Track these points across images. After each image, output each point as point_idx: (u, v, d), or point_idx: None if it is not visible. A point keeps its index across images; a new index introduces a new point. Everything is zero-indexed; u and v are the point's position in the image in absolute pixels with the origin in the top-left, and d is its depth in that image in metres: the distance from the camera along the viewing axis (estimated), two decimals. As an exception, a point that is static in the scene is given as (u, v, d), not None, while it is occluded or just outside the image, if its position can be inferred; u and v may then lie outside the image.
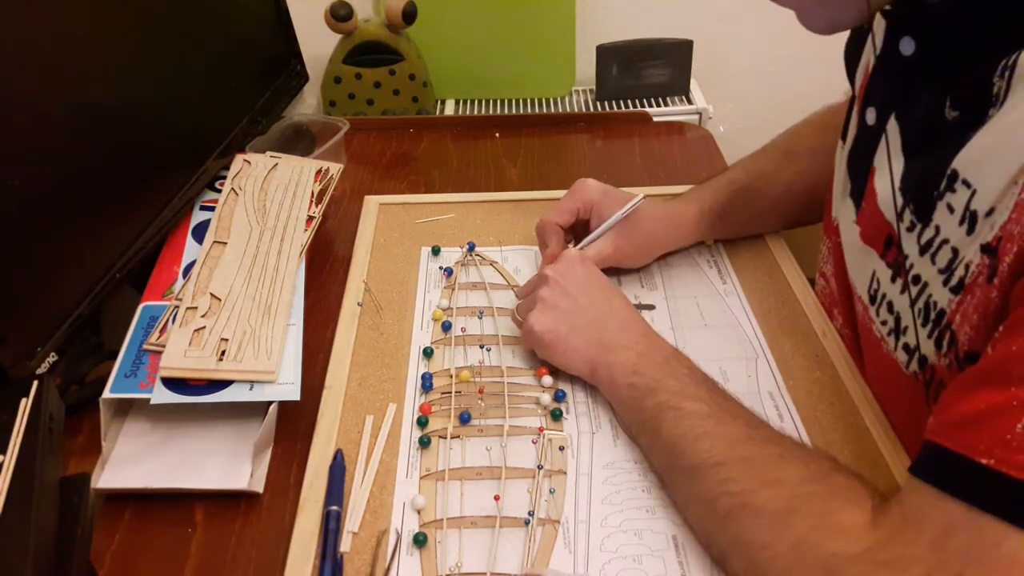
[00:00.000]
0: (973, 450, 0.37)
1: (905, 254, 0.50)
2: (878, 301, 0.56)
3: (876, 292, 0.56)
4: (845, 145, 0.62)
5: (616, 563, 0.49)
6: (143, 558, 0.51)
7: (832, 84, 0.78)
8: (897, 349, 0.54)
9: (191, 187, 0.73)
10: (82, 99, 0.61)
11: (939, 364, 0.49)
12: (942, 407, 0.42)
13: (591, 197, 0.69)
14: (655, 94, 1.22)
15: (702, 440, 0.49)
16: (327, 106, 1.15)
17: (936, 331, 0.48)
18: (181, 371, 0.57)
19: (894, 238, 0.52)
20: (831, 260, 0.66)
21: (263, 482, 0.55)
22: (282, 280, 0.66)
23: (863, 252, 0.57)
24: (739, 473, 0.47)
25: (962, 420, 0.39)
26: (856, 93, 0.60)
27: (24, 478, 0.42)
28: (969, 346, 0.45)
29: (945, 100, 0.47)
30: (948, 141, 0.46)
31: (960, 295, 0.45)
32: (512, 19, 1.16)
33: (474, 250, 0.76)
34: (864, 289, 0.58)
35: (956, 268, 0.46)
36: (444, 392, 0.61)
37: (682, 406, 0.51)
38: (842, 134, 0.63)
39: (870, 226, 0.56)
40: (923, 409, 0.51)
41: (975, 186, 0.44)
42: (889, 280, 0.53)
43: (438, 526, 0.51)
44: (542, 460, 0.55)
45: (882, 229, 0.54)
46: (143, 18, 0.69)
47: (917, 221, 0.49)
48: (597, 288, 0.62)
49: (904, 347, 0.53)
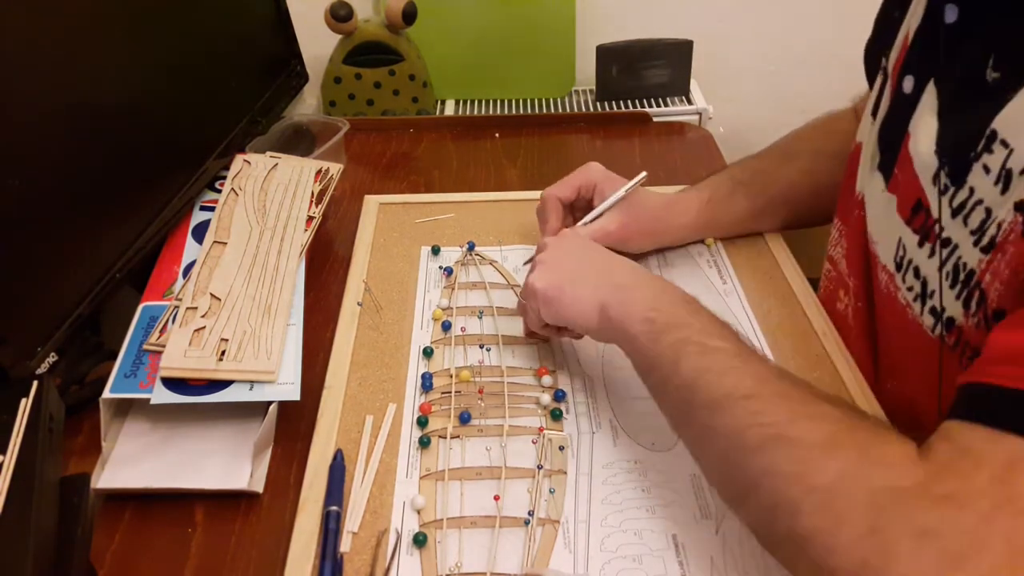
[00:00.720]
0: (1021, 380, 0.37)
1: (935, 217, 0.51)
2: (904, 267, 0.56)
3: (902, 259, 0.56)
4: (876, 120, 0.61)
5: (616, 563, 0.49)
6: (143, 558, 0.51)
7: (832, 84, 0.78)
8: (923, 314, 0.54)
9: (191, 187, 0.73)
10: (82, 99, 0.61)
11: (967, 324, 0.49)
12: (982, 355, 0.41)
13: (594, 177, 0.71)
14: (655, 94, 1.22)
15: (729, 374, 0.47)
16: (327, 106, 1.15)
17: (964, 292, 0.48)
18: (181, 371, 0.57)
19: (923, 203, 0.53)
20: (844, 240, 0.67)
21: (263, 482, 0.55)
22: (282, 280, 0.66)
23: (889, 220, 0.57)
24: (772, 406, 0.44)
25: (1009, 356, 0.39)
26: (890, 68, 0.60)
27: (24, 478, 0.42)
28: (999, 303, 0.46)
29: (987, 62, 0.47)
30: (988, 102, 0.46)
31: (991, 253, 0.46)
32: (512, 19, 1.16)
33: (474, 250, 0.76)
34: (890, 257, 0.58)
35: (988, 228, 0.46)
36: (444, 392, 0.61)
37: (707, 342, 0.49)
38: (872, 110, 0.63)
39: (905, 191, 0.56)
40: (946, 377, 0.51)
41: (1013, 145, 0.44)
42: (916, 245, 0.54)
43: (438, 526, 0.51)
44: (542, 460, 0.55)
45: (912, 194, 0.54)
46: (143, 18, 0.69)
47: (951, 184, 0.49)
48: (597, 251, 0.62)
49: (931, 311, 0.53)
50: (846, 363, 0.62)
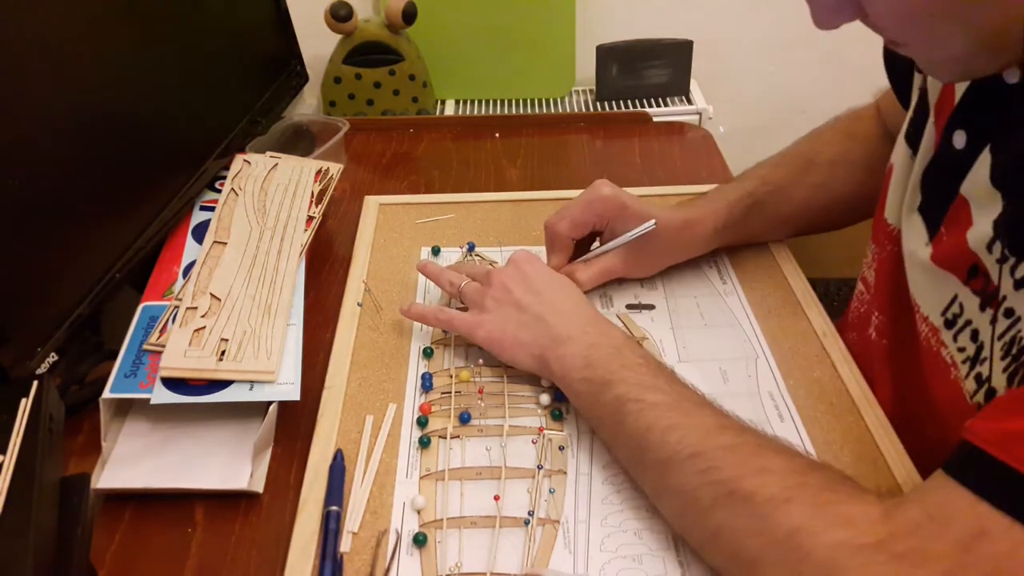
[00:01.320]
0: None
1: (996, 284, 0.47)
2: (958, 327, 0.52)
3: (957, 317, 0.52)
4: (916, 157, 0.58)
5: (616, 563, 0.49)
6: (143, 558, 0.51)
7: (832, 84, 0.78)
8: (967, 378, 0.50)
9: (191, 187, 0.73)
10: (82, 99, 0.61)
11: None
12: (994, 414, 0.41)
13: (608, 212, 0.66)
14: (655, 94, 1.22)
15: (672, 432, 0.48)
16: (327, 106, 1.15)
17: (1013, 366, 0.46)
18: (181, 371, 0.57)
19: (980, 268, 0.48)
20: (880, 269, 0.63)
21: (263, 482, 0.55)
22: (282, 280, 0.66)
23: (937, 274, 0.53)
24: (721, 462, 0.45)
25: (1017, 433, 0.39)
26: (931, 105, 0.57)
27: (24, 478, 0.42)
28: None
29: None
30: None
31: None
32: (512, 19, 1.16)
33: (474, 250, 0.76)
34: (936, 311, 0.53)
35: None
36: (444, 392, 0.61)
37: (644, 398, 0.50)
38: (908, 139, 0.60)
39: (950, 253, 0.52)
40: None
41: None
42: (977, 308, 0.49)
43: (438, 526, 0.51)
44: (542, 460, 0.55)
45: (966, 258, 0.50)
46: (143, 18, 0.69)
47: (1010, 255, 0.46)
48: (542, 283, 0.61)
49: (976, 377, 0.50)
50: (846, 363, 0.62)
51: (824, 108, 0.79)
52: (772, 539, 0.42)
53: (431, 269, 0.67)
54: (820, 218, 0.74)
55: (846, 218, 0.74)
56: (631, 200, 0.66)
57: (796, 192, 0.72)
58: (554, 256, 0.68)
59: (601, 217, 0.66)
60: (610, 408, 0.52)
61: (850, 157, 0.71)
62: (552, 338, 0.57)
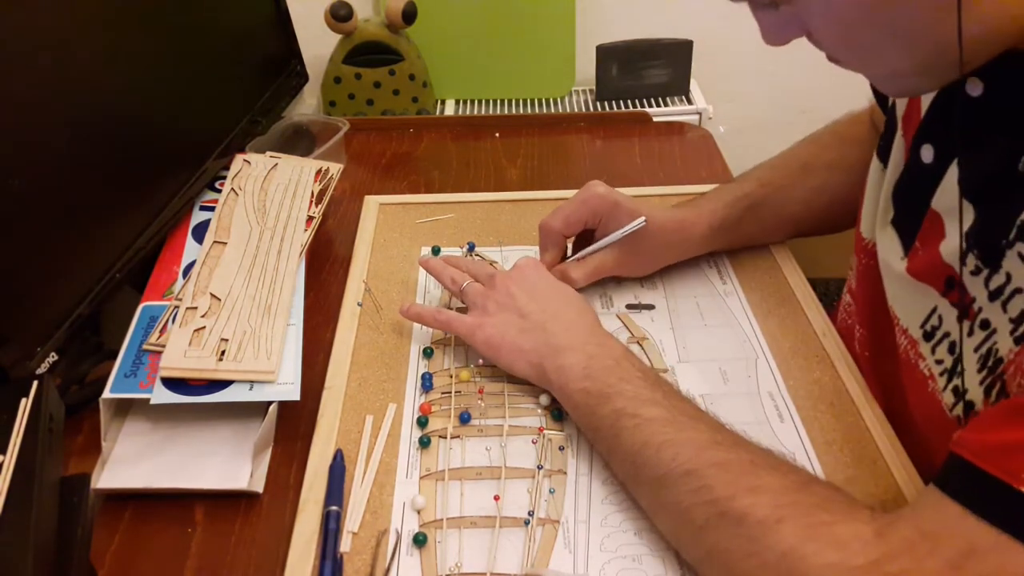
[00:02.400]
0: (1015, 477, 0.37)
1: (972, 296, 0.47)
2: (936, 339, 0.52)
3: (936, 330, 0.52)
4: (887, 171, 0.58)
5: (616, 563, 0.49)
6: (143, 558, 0.51)
7: (832, 84, 0.78)
8: (946, 390, 0.50)
9: (191, 187, 0.73)
10: (82, 99, 0.61)
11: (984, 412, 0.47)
12: (981, 426, 0.41)
13: (602, 210, 0.66)
14: (655, 94, 1.22)
15: (666, 448, 0.48)
16: (327, 106, 1.15)
17: (989, 378, 0.46)
18: (181, 371, 0.57)
19: (955, 279, 0.49)
20: (861, 281, 0.64)
21: (263, 482, 0.55)
22: (282, 280, 0.66)
23: (915, 287, 0.53)
24: (713, 480, 0.45)
25: (1005, 445, 0.38)
26: (899, 118, 0.57)
27: (24, 478, 0.42)
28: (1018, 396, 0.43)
29: (1018, 155, 0.44)
30: (1020, 194, 0.43)
31: (1021, 345, 0.43)
32: (512, 19, 1.16)
33: (474, 250, 0.76)
34: (915, 323, 0.53)
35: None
36: (444, 392, 0.61)
37: (640, 412, 0.50)
38: (879, 153, 0.60)
39: (926, 266, 0.52)
40: None
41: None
42: (955, 320, 0.49)
43: (438, 526, 0.51)
44: (542, 460, 0.55)
45: (941, 270, 0.50)
46: (143, 18, 0.69)
47: (983, 266, 0.46)
48: (545, 291, 0.61)
49: (954, 389, 0.50)
50: (846, 364, 0.62)
51: (824, 108, 0.79)
52: (764, 562, 0.42)
53: (433, 265, 0.67)
54: (817, 221, 0.74)
55: (843, 221, 0.74)
56: (624, 199, 0.66)
57: (793, 195, 0.72)
58: (547, 253, 0.68)
59: (594, 214, 0.67)
60: (607, 421, 0.52)
61: (847, 161, 0.71)
62: (552, 347, 0.57)
